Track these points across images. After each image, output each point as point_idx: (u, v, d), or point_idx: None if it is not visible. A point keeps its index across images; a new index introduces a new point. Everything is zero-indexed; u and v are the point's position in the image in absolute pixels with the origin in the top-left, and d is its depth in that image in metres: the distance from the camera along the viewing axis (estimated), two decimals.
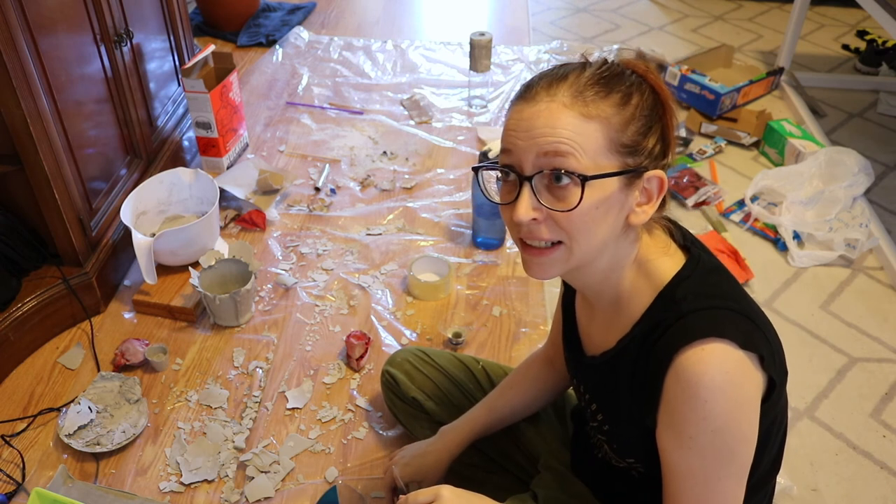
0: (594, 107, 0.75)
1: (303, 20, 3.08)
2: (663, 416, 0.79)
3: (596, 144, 0.75)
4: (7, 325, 1.52)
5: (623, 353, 0.85)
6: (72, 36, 1.57)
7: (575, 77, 0.77)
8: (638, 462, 0.90)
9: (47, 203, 1.52)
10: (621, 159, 0.77)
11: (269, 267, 1.85)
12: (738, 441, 0.76)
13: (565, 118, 0.75)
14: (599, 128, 0.75)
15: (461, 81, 2.66)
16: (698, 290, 0.80)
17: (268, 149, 2.30)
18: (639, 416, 0.83)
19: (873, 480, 1.42)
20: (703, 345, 0.74)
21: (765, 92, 2.62)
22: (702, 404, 0.74)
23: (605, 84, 0.77)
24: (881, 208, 2.11)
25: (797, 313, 1.78)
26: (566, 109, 0.75)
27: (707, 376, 0.73)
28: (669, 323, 0.78)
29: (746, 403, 0.76)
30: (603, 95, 0.76)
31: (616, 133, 0.76)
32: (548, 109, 0.76)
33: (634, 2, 3.39)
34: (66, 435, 1.39)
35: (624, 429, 0.90)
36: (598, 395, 0.93)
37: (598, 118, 0.75)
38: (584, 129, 0.75)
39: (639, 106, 0.77)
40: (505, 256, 1.90)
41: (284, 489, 1.35)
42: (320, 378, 1.57)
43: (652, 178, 0.79)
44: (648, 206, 0.80)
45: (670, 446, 0.79)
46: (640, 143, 0.77)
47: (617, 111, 0.76)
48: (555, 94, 0.76)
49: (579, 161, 0.75)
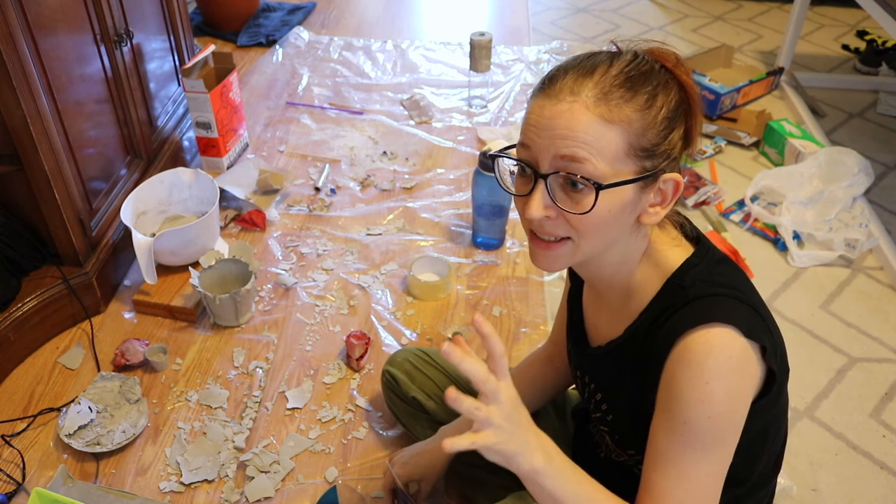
0: (617, 111, 0.74)
1: (303, 20, 3.08)
2: (661, 398, 0.78)
3: (615, 149, 0.74)
4: (7, 325, 1.52)
5: (630, 341, 0.85)
6: (72, 36, 1.57)
7: (601, 74, 0.75)
8: (639, 454, 0.89)
9: (47, 203, 1.52)
10: (639, 163, 0.76)
11: (269, 267, 1.85)
12: (728, 430, 0.76)
13: (586, 122, 0.73)
14: (620, 132, 0.74)
15: (461, 81, 2.66)
16: (706, 277, 0.80)
17: (268, 149, 2.30)
18: (640, 401, 0.83)
19: (873, 480, 1.42)
20: (710, 328, 0.74)
21: (765, 92, 2.62)
22: (703, 386, 0.73)
23: (632, 85, 0.75)
24: (881, 208, 2.11)
25: (797, 313, 1.78)
26: (588, 112, 0.73)
27: (711, 358, 0.73)
28: (676, 307, 0.78)
29: (743, 393, 0.76)
30: (628, 98, 0.74)
31: (637, 137, 0.75)
32: (570, 111, 0.74)
33: (634, 2, 3.39)
34: (66, 435, 1.39)
35: (626, 418, 0.90)
36: (603, 385, 0.93)
37: (620, 123, 0.74)
38: (604, 134, 0.73)
39: (663, 108, 0.76)
40: (505, 256, 1.90)
41: (284, 489, 1.35)
42: (320, 378, 1.57)
43: (668, 180, 0.78)
44: (662, 208, 0.79)
45: (661, 430, 0.78)
46: (659, 146, 0.76)
47: (640, 115, 0.75)
48: (579, 92, 0.74)
49: (596, 167, 0.74)
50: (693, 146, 0.81)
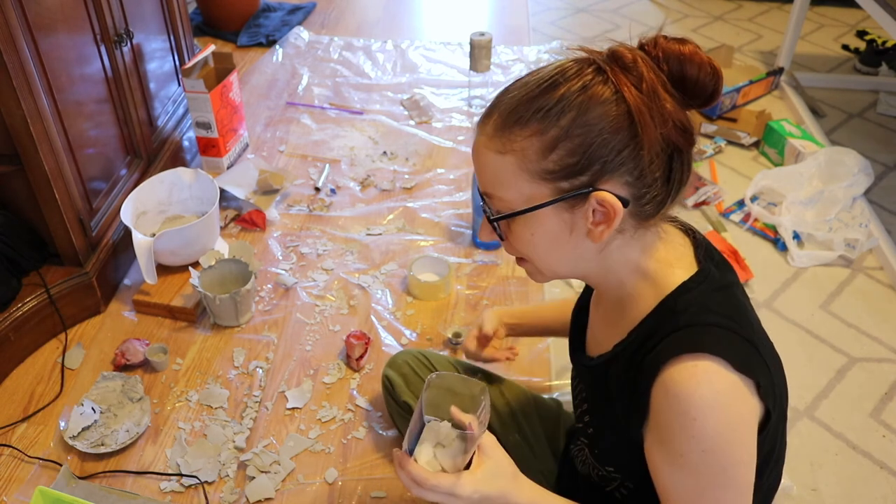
0: (509, 143, 0.73)
1: (303, 20, 3.08)
2: (652, 430, 0.76)
3: (513, 178, 0.74)
4: (7, 325, 1.52)
5: (616, 359, 0.83)
6: (72, 36, 1.57)
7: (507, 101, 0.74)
8: (617, 472, 0.88)
9: (47, 203, 1.52)
10: (553, 185, 0.73)
11: (269, 267, 1.85)
12: (731, 464, 0.72)
13: (486, 157, 0.76)
14: (514, 160, 0.73)
15: (461, 81, 2.66)
16: (701, 304, 0.76)
17: (268, 149, 2.30)
18: (624, 425, 0.80)
19: (873, 480, 1.42)
20: (696, 360, 0.71)
21: (765, 92, 2.62)
22: (691, 422, 0.70)
23: (527, 107, 0.72)
24: (881, 208, 2.12)
25: (797, 313, 1.78)
26: (485, 149, 0.76)
27: (697, 394, 0.70)
28: (664, 334, 0.74)
29: (740, 426, 0.72)
30: (522, 124, 0.72)
31: (534, 163, 0.72)
32: (476, 148, 0.77)
33: (634, 2, 3.39)
34: (70, 437, 1.39)
35: (606, 434, 0.88)
36: (589, 397, 0.92)
37: (512, 152, 0.73)
38: (501, 166, 0.74)
39: (572, 125, 0.70)
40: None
41: (285, 489, 1.35)
42: (320, 378, 1.57)
43: (603, 199, 0.71)
44: (606, 228, 0.74)
45: (661, 462, 0.75)
46: (576, 164, 0.71)
47: (535, 140, 0.71)
48: (483, 127, 0.76)
49: (503, 199, 0.76)
50: (644, 159, 0.71)
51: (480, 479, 0.79)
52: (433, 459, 0.80)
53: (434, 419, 0.81)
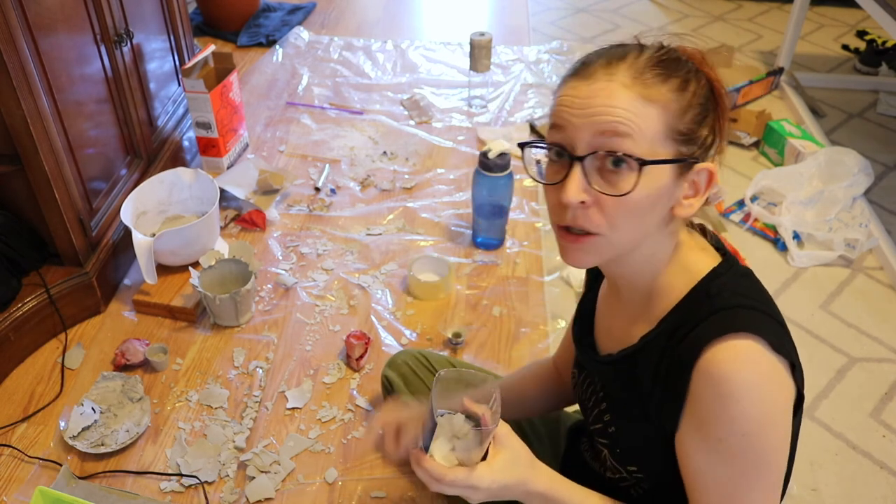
0: (654, 90, 0.72)
1: (303, 20, 3.08)
2: (688, 416, 0.75)
3: (654, 129, 0.72)
4: (7, 325, 1.52)
5: (645, 350, 0.82)
6: (72, 36, 1.57)
7: (634, 58, 0.74)
8: (639, 471, 0.87)
9: (47, 203, 1.52)
10: (676, 147, 0.73)
11: (269, 267, 1.85)
12: (768, 449, 0.72)
13: (625, 98, 0.71)
14: (659, 112, 0.72)
15: (461, 81, 2.66)
16: (732, 289, 0.77)
17: (268, 149, 2.30)
18: (656, 416, 0.79)
19: (873, 480, 1.42)
20: (737, 340, 0.71)
21: (765, 92, 2.62)
22: (734, 403, 0.70)
23: (665, 68, 0.74)
24: (881, 208, 2.12)
25: (797, 313, 1.78)
26: (626, 90, 0.71)
27: (741, 373, 0.70)
28: (700, 318, 0.75)
29: (779, 409, 0.72)
30: (663, 79, 0.73)
31: (674, 119, 0.73)
32: (607, 88, 0.72)
33: (634, 2, 3.39)
34: (70, 437, 1.39)
35: (632, 430, 0.86)
36: (609, 394, 0.90)
37: (657, 102, 0.72)
38: (643, 112, 0.71)
39: (696, 94, 0.74)
40: (505, 256, 1.90)
41: (285, 489, 1.35)
42: (320, 378, 1.57)
43: (702, 170, 0.76)
44: (695, 200, 0.77)
45: (696, 449, 0.75)
46: (695, 132, 0.74)
47: (676, 97, 0.73)
48: (614, 73, 0.72)
49: (637, 144, 0.71)
50: (722, 141, 0.78)
51: (498, 469, 0.79)
52: (449, 454, 0.80)
53: (447, 412, 0.81)
